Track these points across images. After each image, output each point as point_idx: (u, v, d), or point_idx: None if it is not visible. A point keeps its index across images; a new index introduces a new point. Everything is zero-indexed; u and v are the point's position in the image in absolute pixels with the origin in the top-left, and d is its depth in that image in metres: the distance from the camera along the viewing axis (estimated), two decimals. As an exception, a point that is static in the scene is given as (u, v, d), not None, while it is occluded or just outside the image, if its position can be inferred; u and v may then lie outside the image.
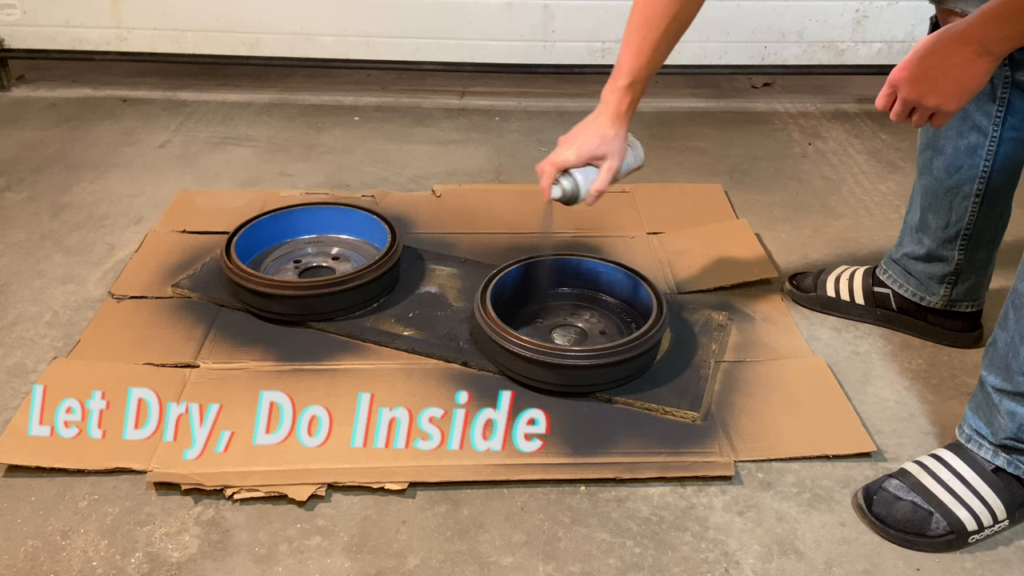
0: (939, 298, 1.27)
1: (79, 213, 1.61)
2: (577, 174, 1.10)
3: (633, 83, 1.10)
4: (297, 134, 1.99)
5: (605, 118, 1.10)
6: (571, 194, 1.11)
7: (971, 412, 1.00)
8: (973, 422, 0.99)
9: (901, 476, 1.00)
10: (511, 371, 1.16)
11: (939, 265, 1.25)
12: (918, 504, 0.97)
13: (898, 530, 0.97)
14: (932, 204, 1.22)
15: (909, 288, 1.30)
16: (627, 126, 1.11)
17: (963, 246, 1.22)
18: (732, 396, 1.16)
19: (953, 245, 1.22)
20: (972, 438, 0.99)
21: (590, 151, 1.09)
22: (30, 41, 2.12)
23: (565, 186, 1.10)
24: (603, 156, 1.10)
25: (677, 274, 1.43)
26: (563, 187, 1.11)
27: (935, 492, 0.97)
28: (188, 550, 0.94)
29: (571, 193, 1.11)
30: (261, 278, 1.24)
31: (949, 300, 1.27)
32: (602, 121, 1.10)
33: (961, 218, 1.20)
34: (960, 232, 1.21)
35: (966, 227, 1.20)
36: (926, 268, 1.27)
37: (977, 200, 1.18)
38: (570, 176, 1.10)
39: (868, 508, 0.99)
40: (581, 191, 1.11)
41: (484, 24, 2.08)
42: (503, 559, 0.94)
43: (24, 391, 1.15)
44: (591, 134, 1.10)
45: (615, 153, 1.10)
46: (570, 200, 1.12)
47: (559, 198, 1.11)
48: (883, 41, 2.13)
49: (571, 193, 1.11)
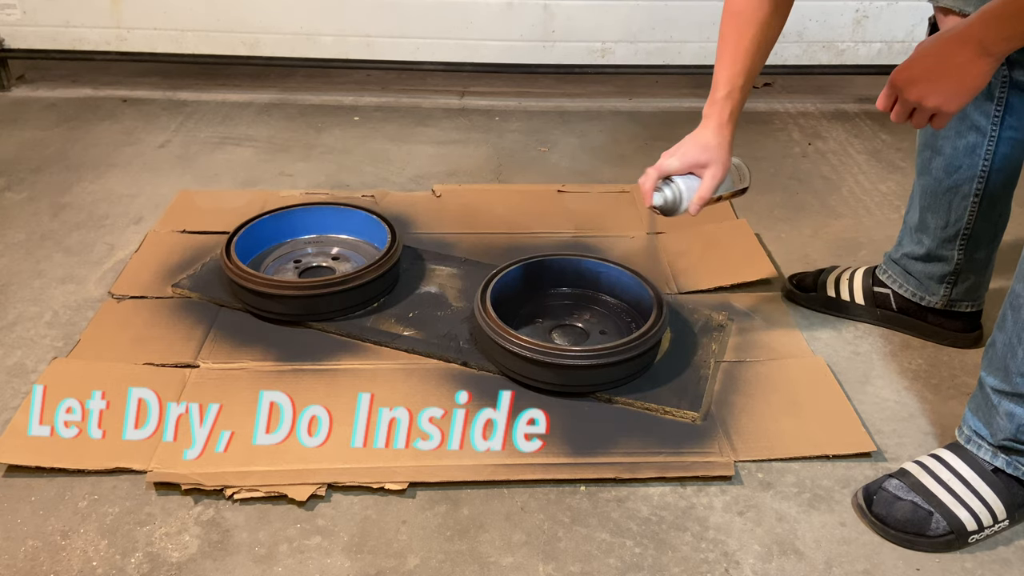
0: (939, 298, 1.27)
1: (79, 213, 1.61)
2: (679, 181, 1.09)
3: (730, 92, 1.08)
4: (297, 134, 1.99)
5: (707, 129, 1.09)
6: (672, 202, 1.09)
7: (970, 413, 1.00)
8: (972, 423, 0.99)
9: (901, 476, 1.00)
10: (511, 371, 1.16)
11: (939, 265, 1.25)
12: (918, 504, 0.97)
13: (898, 530, 0.97)
14: (931, 204, 1.22)
15: (909, 288, 1.30)
16: (731, 136, 1.10)
17: (962, 246, 1.22)
18: (732, 396, 1.16)
19: (952, 245, 1.22)
20: (971, 439, 0.99)
21: (693, 158, 1.08)
22: (30, 41, 2.12)
23: (667, 194, 1.09)
24: (706, 164, 1.08)
25: (677, 274, 1.43)
26: (664, 194, 1.09)
27: (935, 492, 0.97)
28: (188, 550, 0.94)
29: (672, 201, 1.09)
30: (261, 278, 1.25)
31: (949, 300, 1.27)
32: (704, 132, 1.09)
33: (960, 218, 1.20)
34: (959, 232, 1.21)
35: (965, 227, 1.21)
36: (926, 268, 1.27)
37: (976, 200, 1.18)
38: (672, 183, 1.09)
39: (868, 508, 0.99)
40: (684, 199, 1.09)
41: (484, 24, 2.08)
42: (503, 559, 0.94)
43: (24, 391, 1.15)
44: (693, 143, 1.09)
45: (718, 161, 1.09)
46: (671, 209, 1.10)
47: (660, 206, 1.10)
48: (883, 41, 2.13)
49: (672, 201, 1.09)
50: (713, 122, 1.09)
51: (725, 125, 1.09)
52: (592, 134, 2.00)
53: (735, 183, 1.15)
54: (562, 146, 1.93)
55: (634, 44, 2.11)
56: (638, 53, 2.12)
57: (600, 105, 2.19)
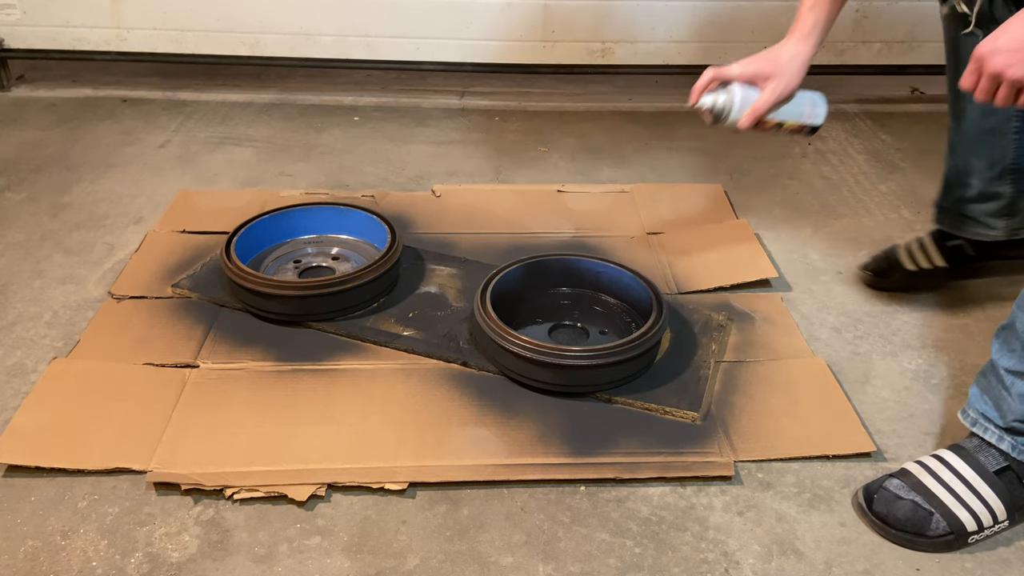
0: (1000, 231, 1.29)
1: (79, 213, 1.61)
2: (737, 88, 1.00)
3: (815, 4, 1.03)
4: (297, 134, 1.99)
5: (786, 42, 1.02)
6: (723, 107, 1.00)
7: (978, 395, 0.99)
8: (979, 405, 0.99)
9: (902, 476, 1.00)
10: (511, 371, 1.16)
11: (992, 203, 1.26)
12: (919, 504, 0.97)
13: (898, 529, 0.97)
14: (974, 147, 1.24)
15: (968, 229, 1.30)
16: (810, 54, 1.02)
17: (1012, 179, 1.24)
18: (732, 396, 1.16)
19: (1003, 181, 1.24)
20: (978, 421, 0.99)
21: (757, 68, 1.01)
22: (30, 41, 2.11)
23: (719, 97, 1.00)
24: (769, 76, 1.01)
25: (677, 274, 1.43)
26: (716, 97, 1.00)
27: (936, 492, 0.97)
28: (188, 550, 0.94)
29: (723, 106, 1.00)
30: (261, 278, 1.24)
31: (1011, 230, 1.28)
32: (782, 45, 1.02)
33: (1005, 155, 1.22)
34: (1006, 168, 1.23)
35: (1011, 163, 1.22)
36: (980, 207, 1.28)
37: (1017, 136, 1.20)
38: (729, 88, 1.00)
39: (869, 507, 0.99)
40: (735, 106, 1.00)
41: (484, 24, 2.08)
42: (503, 559, 0.94)
43: (24, 391, 1.15)
44: (763, 54, 1.02)
45: (785, 76, 1.01)
46: (720, 115, 1.01)
47: (709, 108, 1.01)
48: (883, 41, 2.13)
49: (723, 106, 1.00)
50: (794, 35, 1.02)
51: (806, 39, 1.02)
52: (592, 134, 2.00)
53: (803, 115, 1.05)
54: (562, 146, 1.93)
55: (634, 44, 2.11)
56: (638, 53, 2.12)
57: (600, 105, 2.19)
